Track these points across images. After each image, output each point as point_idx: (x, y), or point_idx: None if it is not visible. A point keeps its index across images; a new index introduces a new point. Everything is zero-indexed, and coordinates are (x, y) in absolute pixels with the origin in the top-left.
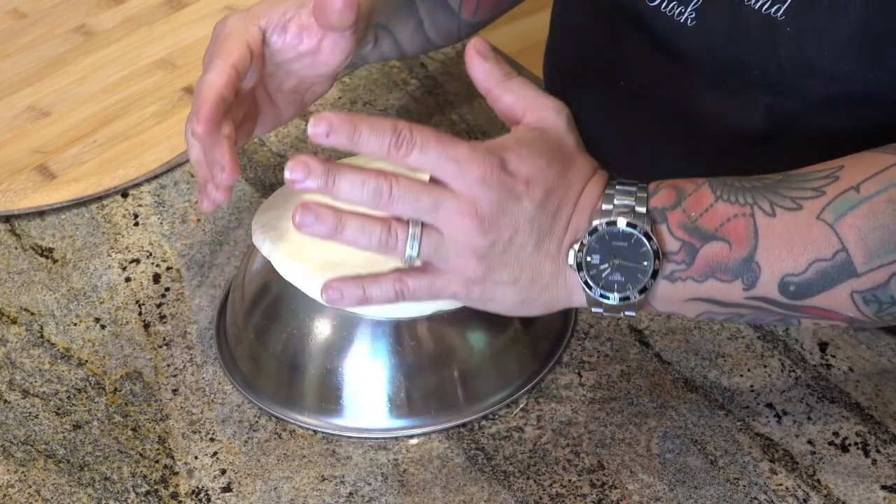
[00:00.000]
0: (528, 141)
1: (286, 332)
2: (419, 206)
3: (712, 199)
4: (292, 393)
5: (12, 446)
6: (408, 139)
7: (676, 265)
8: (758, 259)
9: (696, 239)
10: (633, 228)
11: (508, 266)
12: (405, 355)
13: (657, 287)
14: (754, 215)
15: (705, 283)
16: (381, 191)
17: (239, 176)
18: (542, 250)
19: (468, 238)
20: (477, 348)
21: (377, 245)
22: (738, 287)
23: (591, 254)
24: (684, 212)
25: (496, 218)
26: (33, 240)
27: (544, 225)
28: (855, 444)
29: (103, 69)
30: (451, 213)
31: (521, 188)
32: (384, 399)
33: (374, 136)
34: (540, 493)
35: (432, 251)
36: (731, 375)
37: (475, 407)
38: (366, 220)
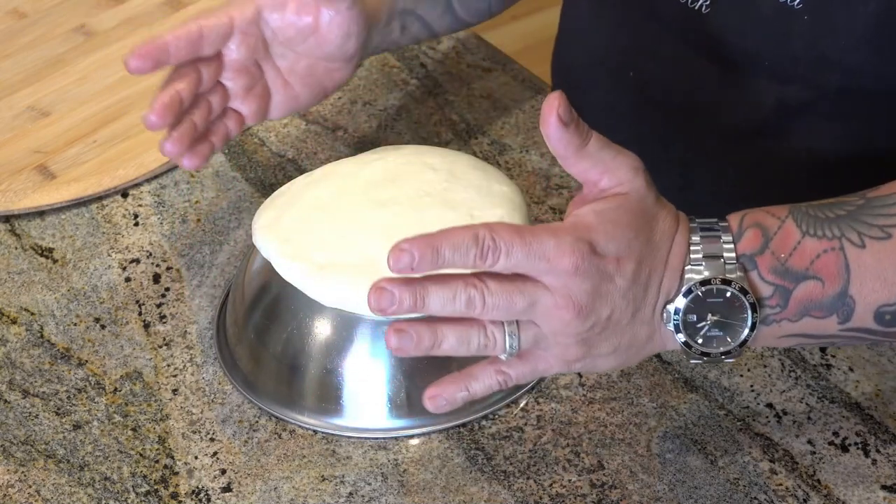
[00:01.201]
0: (611, 215)
1: (286, 332)
2: (514, 309)
3: (799, 235)
4: (292, 393)
5: (12, 446)
6: (492, 248)
7: (771, 309)
8: (852, 293)
9: (788, 281)
10: (728, 285)
11: (607, 341)
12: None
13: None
14: (844, 249)
15: (800, 321)
16: (473, 302)
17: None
18: (637, 319)
19: (567, 328)
20: None
21: (476, 350)
22: (833, 322)
23: (688, 314)
24: (773, 254)
25: (592, 304)
26: (33, 240)
27: (639, 296)
28: (855, 444)
29: (103, 69)
30: (547, 310)
31: (613, 267)
32: (384, 399)
33: (457, 254)
34: (540, 493)
35: (531, 343)
36: (731, 375)
37: (475, 407)
38: (462, 330)
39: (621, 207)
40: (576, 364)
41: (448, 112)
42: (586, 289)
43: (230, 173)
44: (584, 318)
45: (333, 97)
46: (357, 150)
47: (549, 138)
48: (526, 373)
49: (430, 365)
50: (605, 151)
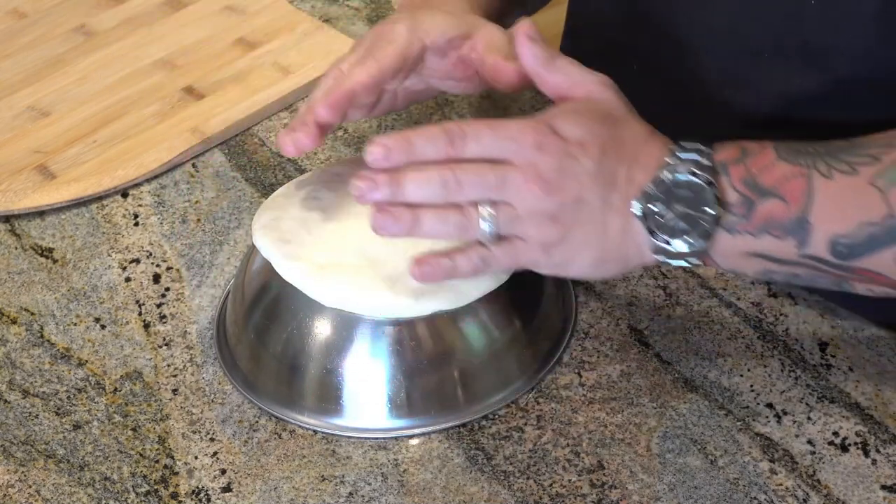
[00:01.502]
0: (575, 108)
1: (286, 332)
2: (487, 184)
3: (774, 158)
4: (292, 393)
5: (12, 446)
6: (460, 134)
7: (735, 217)
8: (810, 218)
9: (754, 194)
10: (696, 177)
11: (580, 225)
12: (405, 355)
13: (718, 237)
14: (811, 177)
15: (761, 238)
16: (447, 182)
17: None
18: (608, 204)
19: (538, 203)
20: (477, 348)
21: (455, 230)
22: (791, 245)
23: (655, 202)
24: (746, 168)
25: (559, 179)
26: (33, 240)
27: (607, 179)
28: (855, 444)
29: (103, 69)
30: (517, 184)
31: (576, 149)
32: (384, 399)
33: (429, 144)
34: (540, 493)
35: (507, 225)
36: (731, 375)
37: (475, 407)
38: (439, 209)
39: (586, 104)
40: (554, 252)
41: (448, 112)
42: (551, 164)
43: (230, 173)
44: (553, 192)
45: None
46: (357, 150)
47: (520, 55)
48: (508, 257)
49: (430, 365)
50: (574, 67)
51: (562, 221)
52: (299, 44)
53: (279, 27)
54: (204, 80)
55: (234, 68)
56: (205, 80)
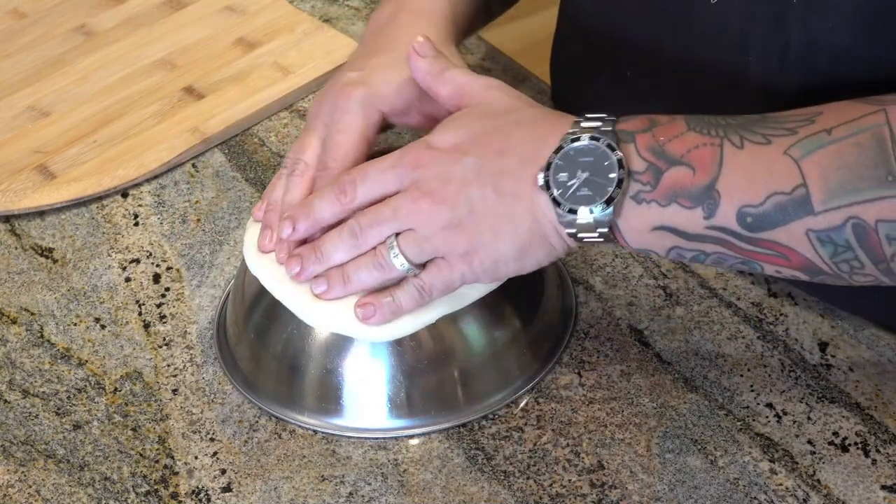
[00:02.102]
0: (451, 118)
1: (286, 332)
2: (382, 218)
3: (684, 128)
4: (293, 393)
5: (12, 446)
6: (348, 182)
7: (642, 185)
8: (718, 187)
9: (662, 162)
10: (598, 142)
11: (483, 222)
12: (405, 355)
13: (625, 207)
14: (723, 146)
15: (668, 207)
16: (353, 230)
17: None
18: (503, 192)
19: (431, 217)
20: (477, 348)
21: (377, 273)
22: (698, 215)
23: (558, 172)
24: (653, 136)
25: (442, 187)
26: (33, 240)
27: (493, 168)
28: (855, 444)
29: (103, 69)
30: (407, 208)
31: (453, 154)
32: (384, 399)
33: (325, 203)
34: (540, 493)
35: (417, 250)
36: (731, 375)
37: (475, 407)
38: (358, 259)
39: (465, 111)
40: (474, 259)
41: None
42: (433, 175)
43: (230, 173)
44: (441, 203)
45: None
46: None
47: (413, 72)
48: (435, 275)
49: (430, 365)
50: (462, 75)
51: (463, 226)
52: (299, 44)
53: (279, 27)
54: (204, 80)
55: (234, 68)
56: (205, 80)
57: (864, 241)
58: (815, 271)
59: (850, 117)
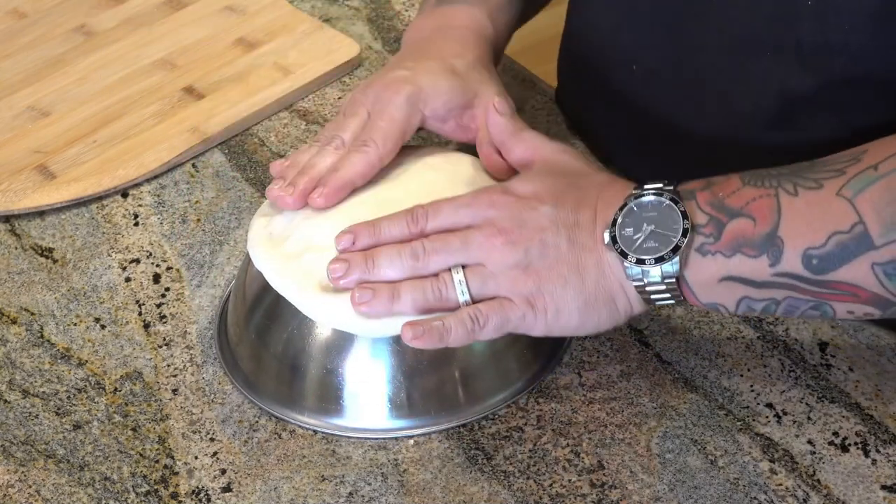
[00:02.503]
0: (528, 172)
1: (287, 332)
2: (452, 248)
3: (740, 184)
4: (293, 393)
5: (12, 446)
6: (421, 213)
7: (705, 238)
8: (780, 234)
9: (723, 215)
10: (661, 196)
11: (553, 268)
12: (405, 355)
13: (691, 260)
14: (778, 196)
15: (734, 258)
16: (416, 253)
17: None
18: (575, 243)
19: (503, 256)
20: (477, 348)
21: (433, 300)
22: (764, 263)
23: (624, 228)
24: (712, 192)
25: (519, 228)
26: (33, 240)
27: (569, 220)
28: (855, 444)
29: (103, 69)
30: (479, 242)
31: (531, 201)
32: (384, 399)
33: (393, 225)
34: (540, 493)
35: (482, 284)
36: (731, 375)
37: (476, 407)
38: (416, 282)
39: (540, 167)
40: (538, 302)
41: None
42: (508, 216)
43: (230, 173)
44: (515, 243)
45: (333, 97)
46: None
47: (489, 126)
48: (496, 315)
49: (430, 365)
50: (538, 139)
51: (533, 269)
52: (299, 44)
53: (279, 27)
54: (204, 80)
55: (234, 68)
56: (205, 80)
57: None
58: (885, 304)
59: (893, 151)
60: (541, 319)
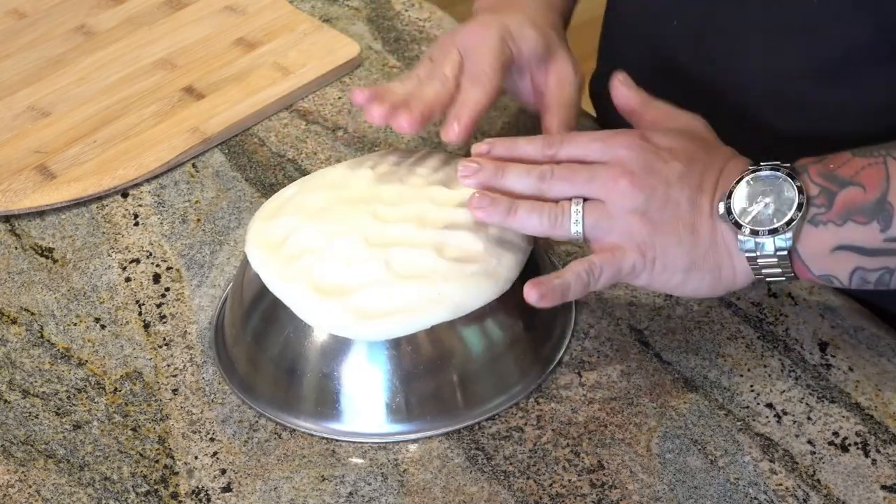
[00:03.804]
0: (666, 128)
1: (283, 335)
2: (577, 179)
3: (850, 155)
4: (290, 397)
5: (12, 446)
6: (557, 139)
7: (817, 209)
8: (890, 199)
9: (833, 185)
10: (776, 171)
11: (668, 223)
12: (402, 360)
13: (803, 231)
14: (886, 163)
15: (844, 226)
16: (544, 174)
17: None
18: (695, 206)
19: (625, 199)
20: (476, 353)
21: (547, 223)
22: (875, 229)
23: (740, 200)
24: (824, 165)
25: (646, 175)
26: (33, 240)
27: (693, 181)
28: (855, 444)
29: (103, 69)
30: (605, 180)
31: (665, 154)
32: (381, 404)
33: (529, 144)
34: (540, 493)
35: (596, 221)
36: (731, 375)
37: (474, 411)
38: (535, 202)
39: (679, 130)
40: (648, 253)
41: None
42: (639, 161)
43: (230, 173)
44: (639, 186)
45: (333, 97)
46: (357, 150)
47: (616, 98)
48: (609, 265)
49: (425, 370)
50: (667, 106)
51: (650, 217)
52: (299, 44)
53: (279, 27)
54: (204, 80)
55: (234, 68)
56: (205, 80)
57: None
58: None
59: None
60: (647, 270)
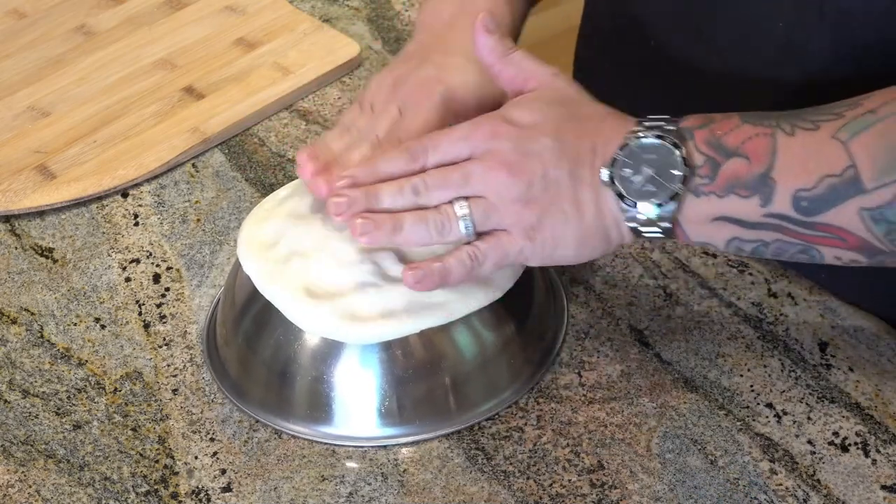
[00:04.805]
0: (526, 97)
1: (274, 337)
2: (453, 182)
3: (738, 122)
4: (281, 400)
5: (12, 446)
6: (419, 148)
7: (701, 179)
8: (773, 175)
9: (719, 155)
10: (662, 139)
11: (554, 202)
12: (394, 363)
13: (685, 201)
14: (775, 135)
15: (726, 198)
16: (417, 187)
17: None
18: (576, 178)
19: (506, 188)
20: (468, 357)
21: (435, 232)
22: (755, 203)
23: (623, 168)
24: (710, 131)
25: (521, 161)
26: (33, 240)
27: (570, 154)
28: (855, 444)
29: (103, 69)
30: (481, 175)
31: (531, 132)
32: (373, 407)
33: (391, 163)
34: (540, 493)
35: (484, 216)
36: (731, 375)
37: (467, 414)
38: (418, 213)
39: (537, 93)
40: (536, 236)
41: None
42: (510, 147)
43: (230, 173)
44: (518, 174)
45: (333, 97)
46: None
47: (477, 47)
48: (495, 251)
49: (417, 373)
50: (528, 61)
51: (535, 201)
52: (299, 44)
53: (279, 27)
54: (204, 80)
55: (234, 68)
56: (205, 80)
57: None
58: (872, 251)
59: (893, 96)
60: (538, 251)
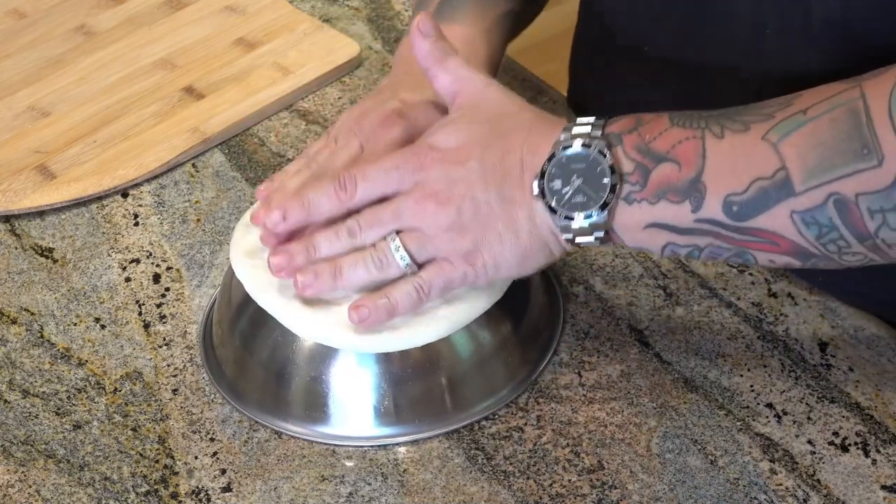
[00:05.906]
0: (451, 118)
1: (271, 339)
2: (386, 220)
3: (668, 124)
4: (278, 401)
5: (12, 446)
6: (348, 179)
7: (632, 186)
8: (704, 179)
9: (648, 160)
10: (589, 149)
11: (487, 226)
12: (391, 364)
13: (617, 208)
14: (704, 138)
15: (658, 205)
16: (353, 230)
17: None
18: (506, 197)
19: (436, 218)
20: (464, 356)
21: (375, 270)
22: (686, 209)
23: (553, 180)
24: (639, 135)
25: (448, 189)
26: (33, 240)
27: (497, 174)
28: (855, 444)
29: (103, 69)
30: (411, 209)
31: (456, 155)
32: (370, 407)
33: (322, 197)
34: (540, 493)
35: (420, 248)
36: (731, 375)
37: (463, 414)
38: (355, 255)
39: (464, 114)
40: (477, 260)
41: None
42: (437, 177)
43: (230, 173)
44: (447, 204)
45: (333, 97)
46: None
47: (414, 50)
48: (438, 279)
49: (414, 374)
50: (462, 69)
51: (467, 228)
52: (299, 44)
53: (279, 27)
54: (204, 80)
55: (234, 68)
56: (205, 80)
57: (846, 218)
58: (805, 255)
59: (825, 96)
60: (481, 274)
